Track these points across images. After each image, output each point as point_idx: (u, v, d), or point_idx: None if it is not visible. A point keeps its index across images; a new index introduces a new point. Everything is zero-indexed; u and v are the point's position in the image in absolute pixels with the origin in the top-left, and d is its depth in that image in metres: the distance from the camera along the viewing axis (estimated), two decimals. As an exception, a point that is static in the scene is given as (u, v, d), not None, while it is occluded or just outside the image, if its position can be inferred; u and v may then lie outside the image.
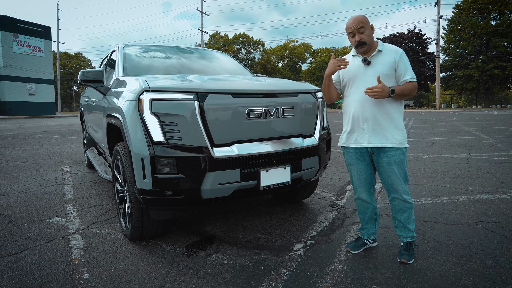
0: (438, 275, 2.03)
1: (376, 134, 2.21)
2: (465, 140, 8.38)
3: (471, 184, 4.10)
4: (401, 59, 2.19)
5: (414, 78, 2.20)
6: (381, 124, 2.20)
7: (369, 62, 2.22)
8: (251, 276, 2.05)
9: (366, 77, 2.22)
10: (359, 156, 2.32)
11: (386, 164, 2.22)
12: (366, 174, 2.34)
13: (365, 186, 2.36)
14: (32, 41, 33.20)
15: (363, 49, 2.21)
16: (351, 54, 2.34)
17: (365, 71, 2.24)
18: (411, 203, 2.27)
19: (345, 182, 4.34)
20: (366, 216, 2.42)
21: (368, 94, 2.11)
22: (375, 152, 2.26)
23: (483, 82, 38.26)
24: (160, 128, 2.14)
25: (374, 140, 2.22)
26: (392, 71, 2.19)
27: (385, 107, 2.20)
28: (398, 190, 2.24)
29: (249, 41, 63.68)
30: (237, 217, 3.10)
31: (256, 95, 2.45)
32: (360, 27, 2.16)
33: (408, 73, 2.18)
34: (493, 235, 2.58)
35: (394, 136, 2.20)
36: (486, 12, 38.58)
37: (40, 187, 4.20)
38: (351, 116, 2.29)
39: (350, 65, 2.29)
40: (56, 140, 9.56)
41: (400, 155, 2.21)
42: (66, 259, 2.28)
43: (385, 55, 2.21)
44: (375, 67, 2.21)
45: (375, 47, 2.24)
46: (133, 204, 2.36)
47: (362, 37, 2.17)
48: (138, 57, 3.57)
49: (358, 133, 2.28)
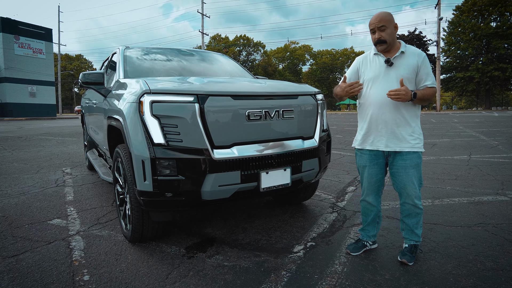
0: (438, 277, 2.03)
1: (394, 137, 2.18)
2: (465, 141, 8.38)
3: (471, 186, 4.10)
4: (423, 63, 2.15)
5: (434, 84, 2.17)
6: (400, 128, 2.17)
7: (391, 63, 2.17)
8: (251, 278, 2.05)
9: (388, 79, 2.18)
10: (373, 159, 2.29)
11: (401, 167, 2.20)
12: (377, 178, 2.32)
13: (374, 189, 2.34)
14: (33, 43, 33.30)
15: (382, 47, 2.17)
16: (372, 52, 2.29)
17: (387, 72, 2.18)
18: (421, 209, 2.25)
19: (345, 184, 4.34)
20: (369, 218, 2.41)
21: (391, 97, 2.07)
22: (391, 155, 2.23)
23: (484, 83, 38.29)
24: (160, 130, 2.14)
25: (392, 144, 2.19)
26: (414, 75, 2.15)
27: (405, 111, 2.16)
28: (410, 195, 2.22)
29: (250, 43, 63.81)
30: (237, 219, 3.10)
31: (256, 97, 2.46)
32: (382, 25, 2.12)
33: (429, 78, 2.15)
34: (493, 237, 2.58)
35: (412, 140, 2.17)
36: (486, 14, 38.68)
37: (41, 189, 4.21)
38: (369, 118, 2.25)
39: (371, 63, 2.25)
40: (57, 142, 9.58)
41: (417, 158, 2.19)
42: (66, 260, 2.29)
43: (408, 58, 2.16)
44: (397, 69, 2.16)
45: (397, 48, 2.19)
46: (133, 206, 2.37)
47: (382, 35, 2.13)
48: (138, 60, 3.59)
49: (375, 136, 2.24)
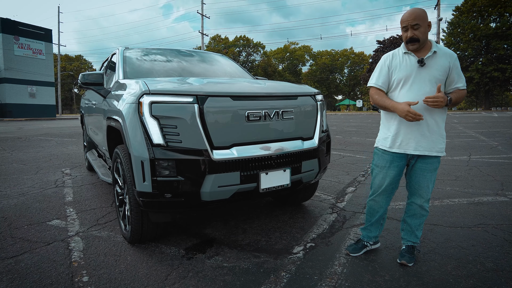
0: (438, 278, 2.03)
1: (424, 140, 2.13)
2: (465, 142, 8.38)
3: (471, 187, 4.10)
4: (455, 65, 2.08)
5: (465, 86, 2.12)
6: (431, 131, 2.12)
7: (424, 63, 2.09)
8: (251, 279, 2.05)
9: (420, 80, 2.10)
10: (395, 161, 2.22)
11: (421, 170, 2.18)
12: (394, 179, 2.26)
13: (387, 190, 2.30)
14: (33, 43, 33.28)
15: (414, 46, 2.08)
16: (402, 50, 2.18)
17: (420, 72, 2.10)
18: (427, 211, 2.25)
19: (345, 185, 4.33)
20: (373, 218, 2.39)
21: (429, 104, 2.00)
22: (415, 157, 2.20)
23: (483, 84, 38.33)
24: (160, 130, 2.14)
25: (421, 147, 2.14)
26: (445, 76, 2.09)
27: (435, 114, 2.12)
28: (422, 197, 2.21)
29: (250, 44, 63.86)
30: (236, 220, 3.10)
31: (255, 98, 2.46)
32: (415, 24, 2.02)
33: (461, 80, 2.10)
34: (493, 238, 2.58)
35: (440, 144, 2.14)
36: (485, 15, 38.73)
37: (40, 190, 4.20)
38: (399, 119, 2.16)
39: (401, 63, 2.17)
40: (57, 143, 9.57)
41: (437, 163, 2.18)
42: (65, 261, 2.28)
43: (440, 58, 2.09)
44: (430, 70, 2.09)
45: (428, 47, 2.11)
46: (133, 206, 2.37)
47: (415, 34, 2.04)
48: (138, 60, 3.58)
49: (404, 138, 2.17)
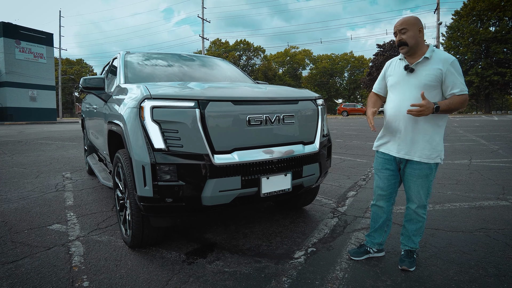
0: (440, 283, 2.02)
1: (406, 145, 2.16)
2: (466, 146, 8.37)
3: (472, 191, 4.09)
4: (449, 70, 2.03)
5: (464, 91, 2.04)
6: (413, 136, 2.13)
7: (411, 69, 2.11)
8: (252, 284, 2.04)
9: (407, 86, 2.14)
10: (385, 163, 2.29)
11: (409, 175, 2.20)
12: (389, 183, 2.29)
13: (385, 194, 2.32)
14: (34, 47, 33.43)
15: (404, 50, 2.13)
16: (399, 56, 2.26)
17: (408, 79, 2.14)
18: (423, 218, 2.24)
19: (346, 189, 4.33)
20: (377, 224, 2.39)
21: (411, 114, 2.00)
22: (403, 162, 2.22)
23: (483, 88, 38.33)
24: (161, 135, 2.14)
25: (402, 151, 2.18)
26: (438, 82, 2.06)
27: (420, 120, 2.11)
28: (414, 202, 2.22)
29: (250, 48, 64.04)
30: (237, 224, 3.09)
31: (256, 103, 2.46)
32: (402, 28, 2.11)
33: (456, 86, 2.03)
34: (495, 243, 2.57)
35: (423, 150, 2.12)
36: (485, 19, 38.82)
37: (40, 194, 4.20)
38: (386, 122, 2.27)
39: (395, 68, 2.24)
40: (57, 146, 9.57)
41: (426, 169, 2.14)
42: (66, 266, 2.27)
43: (432, 64, 2.07)
44: (418, 76, 2.10)
45: (422, 53, 2.12)
46: (133, 211, 2.36)
47: (402, 38, 2.11)
48: (139, 65, 3.59)
49: (389, 140, 2.26)
